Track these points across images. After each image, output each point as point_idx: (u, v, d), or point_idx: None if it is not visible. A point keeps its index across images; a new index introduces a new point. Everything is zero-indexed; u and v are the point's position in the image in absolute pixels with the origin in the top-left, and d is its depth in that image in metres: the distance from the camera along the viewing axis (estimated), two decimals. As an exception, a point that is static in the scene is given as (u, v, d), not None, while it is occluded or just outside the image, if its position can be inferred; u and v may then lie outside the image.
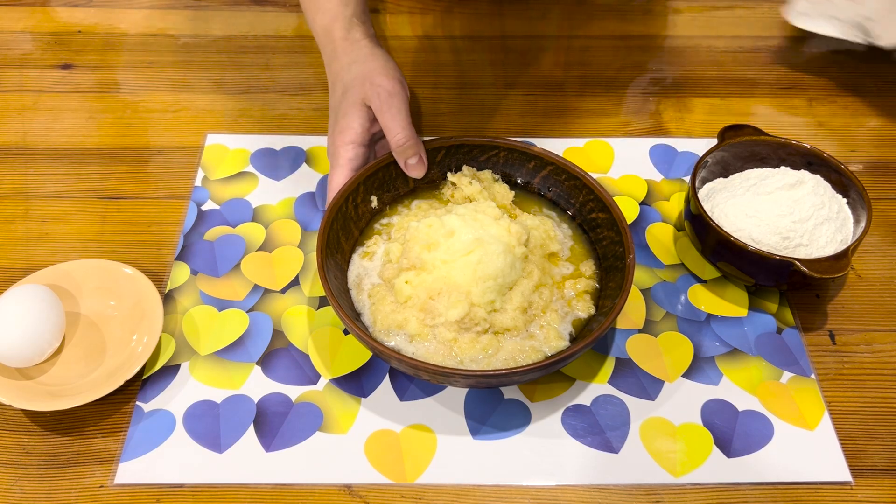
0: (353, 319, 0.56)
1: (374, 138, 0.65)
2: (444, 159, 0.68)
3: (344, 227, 0.63)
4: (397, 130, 0.61)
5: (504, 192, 0.67)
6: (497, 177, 0.68)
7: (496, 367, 0.56)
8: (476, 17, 0.91)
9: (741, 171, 0.68)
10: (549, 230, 0.65)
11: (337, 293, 0.58)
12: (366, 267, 0.63)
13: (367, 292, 0.61)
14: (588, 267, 0.63)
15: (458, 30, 0.89)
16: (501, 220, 0.61)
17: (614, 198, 0.71)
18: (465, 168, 0.68)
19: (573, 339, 0.58)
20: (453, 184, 0.67)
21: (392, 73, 0.63)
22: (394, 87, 0.62)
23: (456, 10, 0.91)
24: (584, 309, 0.60)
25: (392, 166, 0.65)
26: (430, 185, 0.68)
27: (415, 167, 0.64)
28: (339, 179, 0.63)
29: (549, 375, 0.59)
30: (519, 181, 0.68)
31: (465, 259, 0.58)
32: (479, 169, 0.68)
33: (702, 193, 0.66)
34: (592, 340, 0.54)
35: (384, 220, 0.66)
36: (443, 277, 0.58)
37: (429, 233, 0.60)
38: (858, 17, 0.77)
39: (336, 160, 0.63)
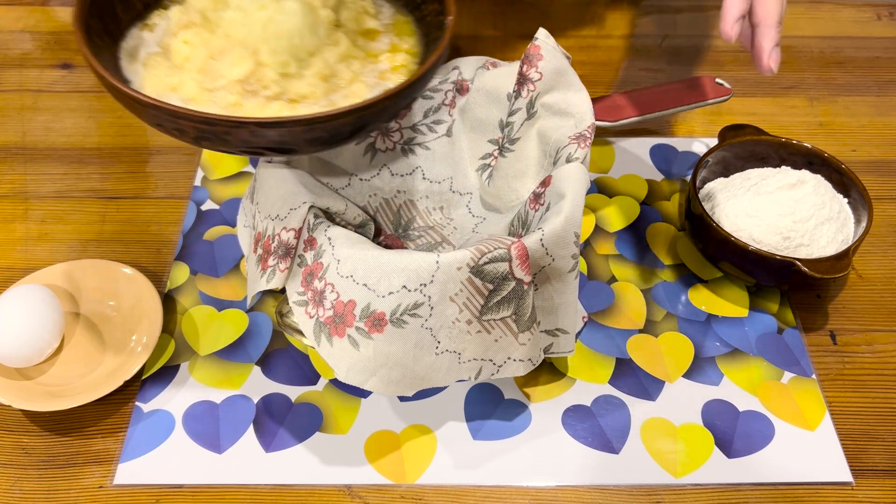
0: (111, 73, 0.46)
1: None
2: None
3: None
4: None
5: None
6: None
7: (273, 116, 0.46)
8: (477, 16, 0.90)
9: (742, 170, 0.68)
10: (367, 6, 0.58)
11: (95, 51, 0.48)
12: (145, 38, 0.54)
13: (142, 61, 0.53)
14: (408, 42, 0.56)
15: (458, 30, 0.89)
16: None
17: (614, 197, 0.72)
18: None
19: None
20: None
21: None
22: None
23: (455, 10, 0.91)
24: (398, 81, 0.52)
25: None
26: None
27: None
28: None
29: (549, 375, 0.59)
30: None
31: (255, 16, 0.51)
32: None
33: (702, 193, 0.66)
34: (399, 88, 0.47)
35: None
36: (228, 36, 0.51)
37: None
38: None
39: None
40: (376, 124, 0.51)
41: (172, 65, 0.52)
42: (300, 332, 0.54)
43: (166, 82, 0.51)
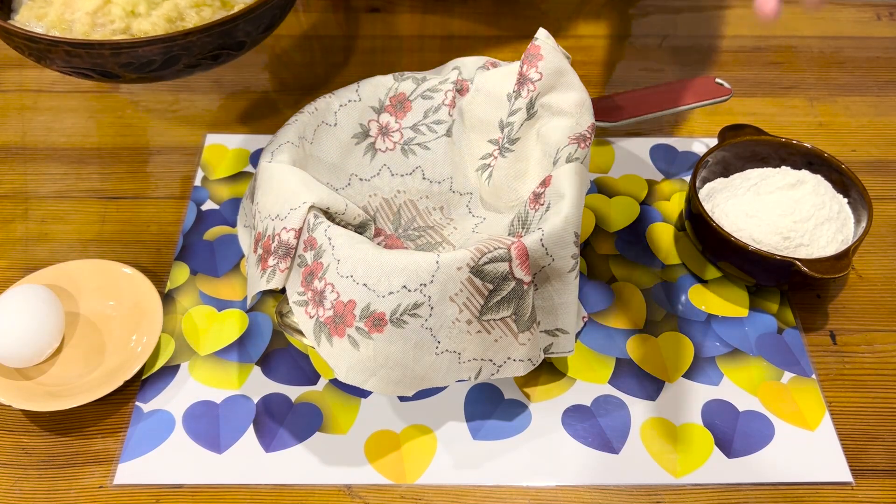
0: None
1: None
2: None
3: None
4: None
5: None
6: None
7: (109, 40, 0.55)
8: (476, 16, 0.91)
9: (742, 170, 0.68)
10: None
11: None
12: None
13: None
14: None
15: (458, 30, 0.89)
16: None
17: (614, 197, 0.72)
18: None
19: None
20: None
21: None
22: None
23: (456, 9, 0.91)
24: None
25: None
26: None
27: None
28: None
29: (549, 375, 0.59)
30: None
31: None
32: None
33: (702, 193, 0.66)
34: (202, 26, 0.56)
35: None
36: None
37: None
38: None
39: None
40: (189, 59, 0.58)
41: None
42: (300, 332, 0.54)
43: (37, 12, 0.60)
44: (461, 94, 0.63)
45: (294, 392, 0.58)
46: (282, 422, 0.57)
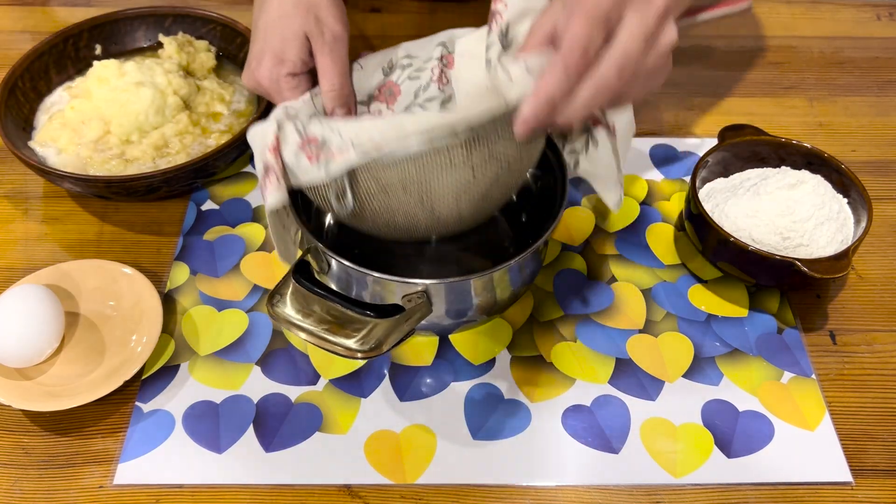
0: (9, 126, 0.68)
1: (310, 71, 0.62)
2: (173, 26, 0.78)
3: (58, 62, 0.75)
4: (334, 76, 0.59)
5: (206, 60, 0.76)
6: (212, 48, 0.78)
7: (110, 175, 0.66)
8: (478, 16, 0.90)
9: (742, 171, 0.68)
10: (225, 93, 0.74)
11: (5, 100, 0.70)
12: (63, 96, 0.75)
13: (50, 114, 0.73)
14: (241, 126, 0.71)
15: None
16: (172, 73, 0.71)
17: (614, 198, 0.72)
18: (180, 34, 0.77)
19: None
20: (160, 43, 0.76)
21: (341, 17, 0.61)
22: (341, 32, 0.60)
23: (457, 10, 0.91)
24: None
25: (121, 22, 0.78)
26: (158, 46, 0.77)
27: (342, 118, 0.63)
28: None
29: (549, 375, 0.59)
30: (228, 54, 0.79)
31: (119, 96, 0.69)
32: (199, 38, 0.78)
33: (702, 193, 0.66)
34: (187, 163, 0.65)
35: None
36: (97, 108, 0.70)
37: (104, 71, 0.71)
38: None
39: (279, 94, 0.59)
40: (168, 188, 0.67)
41: (63, 122, 0.70)
42: (291, 323, 0.52)
43: (52, 134, 0.70)
44: (449, 68, 0.63)
45: (294, 392, 0.58)
46: (282, 422, 0.57)
